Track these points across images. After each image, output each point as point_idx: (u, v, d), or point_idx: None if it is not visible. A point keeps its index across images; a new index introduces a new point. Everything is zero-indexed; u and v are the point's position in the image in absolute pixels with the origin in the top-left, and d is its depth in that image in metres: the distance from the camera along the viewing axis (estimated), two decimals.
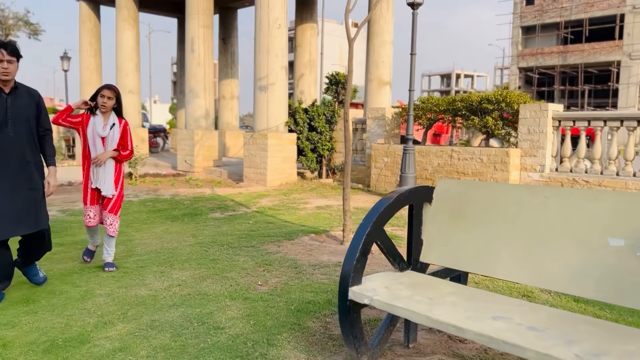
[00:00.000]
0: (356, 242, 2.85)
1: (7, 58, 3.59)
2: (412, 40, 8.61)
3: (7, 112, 3.67)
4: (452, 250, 3.06)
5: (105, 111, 4.56)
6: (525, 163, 8.34)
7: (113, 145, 4.61)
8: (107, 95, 4.49)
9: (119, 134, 4.62)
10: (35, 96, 3.90)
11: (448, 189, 3.18)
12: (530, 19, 44.72)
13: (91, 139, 4.57)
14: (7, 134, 3.67)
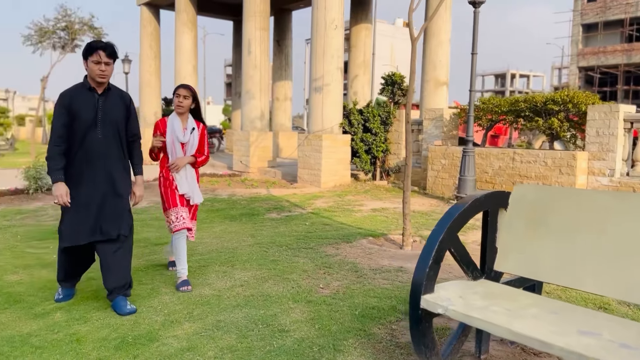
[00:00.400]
0: (429, 248, 2.75)
1: (105, 60, 3.47)
2: (474, 39, 8.37)
3: (97, 113, 3.52)
4: (530, 259, 2.91)
5: (181, 112, 4.27)
6: (593, 167, 7.94)
7: (192, 151, 4.30)
8: (182, 95, 4.23)
9: (198, 139, 4.32)
10: (127, 99, 3.74)
11: (525, 195, 3.03)
12: (592, 16, 42.87)
13: (170, 144, 4.25)
14: (96, 135, 3.52)
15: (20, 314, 3.69)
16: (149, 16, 17.71)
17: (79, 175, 3.52)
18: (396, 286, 4.25)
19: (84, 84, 3.54)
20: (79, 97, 3.49)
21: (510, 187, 8.68)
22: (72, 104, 3.45)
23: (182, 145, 4.28)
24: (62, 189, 3.45)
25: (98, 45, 3.44)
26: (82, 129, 3.46)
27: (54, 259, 5.31)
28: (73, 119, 3.44)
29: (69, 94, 3.49)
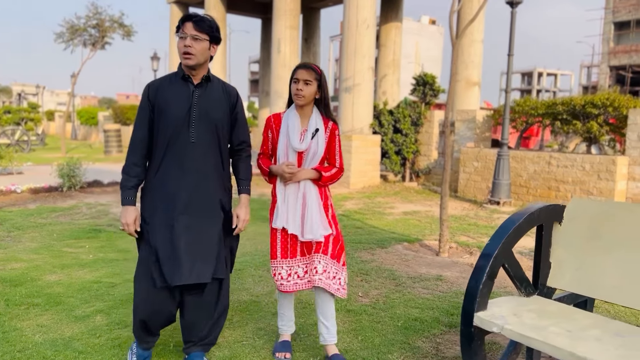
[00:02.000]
0: (483, 264, 2.66)
1: (192, 33, 2.55)
2: (510, 40, 8.19)
3: (191, 110, 2.64)
4: (586, 275, 2.80)
5: (302, 104, 2.88)
6: (634, 172, 7.70)
7: (314, 163, 2.92)
8: (303, 79, 2.83)
9: (324, 144, 2.92)
10: (233, 95, 2.81)
11: (582, 209, 2.91)
12: (625, 13, 41.81)
13: (282, 150, 2.93)
14: (187, 139, 2.64)
15: (62, 316, 3.71)
16: (179, 14, 17.80)
17: (163, 192, 2.65)
18: (437, 296, 4.16)
19: (177, 72, 2.70)
20: (169, 88, 2.67)
21: (546, 192, 8.49)
22: (159, 96, 2.65)
23: (299, 155, 2.92)
24: (130, 215, 2.63)
25: (186, 17, 2.62)
26: (169, 129, 2.62)
27: (91, 259, 5.36)
28: (159, 116, 2.63)
29: (156, 84, 2.70)
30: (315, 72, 2.88)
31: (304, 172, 2.91)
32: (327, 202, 3.00)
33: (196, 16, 2.61)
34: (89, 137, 32.05)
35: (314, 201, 2.91)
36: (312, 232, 2.87)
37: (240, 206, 2.83)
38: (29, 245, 5.88)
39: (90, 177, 10.40)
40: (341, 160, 3.03)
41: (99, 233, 6.65)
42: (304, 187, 2.92)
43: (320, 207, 2.92)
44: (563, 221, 2.96)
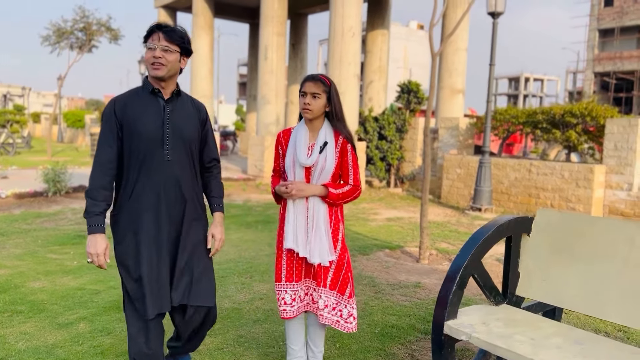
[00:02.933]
0: (453, 274, 2.77)
1: (162, 44, 2.39)
2: (492, 50, 8.36)
3: (165, 127, 2.45)
4: (553, 285, 2.92)
5: (311, 118, 2.73)
6: (611, 181, 7.90)
7: (325, 178, 2.73)
8: (310, 92, 2.69)
9: (334, 159, 2.72)
10: (202, 111, 2.66)
11: (549, 221, 3.04)
12: (609, 21, 42.46)
13: (289, 166, 2.77)
14: (162, 157, 2.46)
15: (45, 323, 3.76)
16: (166, 18, 17.85)
17: (138, 217, 2.45)
18: (414, 303, 4.27)
19: (145, 86, 2.50)
20: (138, 103, 2.46)
21: (526, 199, 8.66)
22: (128, 112, 2.43)
23: (307, 171, 2.74)
24: (100, 245, 2.41)
25: (155, 26, 2.44)
26: (142, 148, 2.42)
27: (75, 265, 5.40)
28: (130, 134, 2.42)
29: (123, 99, 2.47)
30: (324, 84, 2.70)
31: (310, 188, 2.70)
32: (337, 223, 2.77)
33: (166, 26, 2.44)
34: (76, 139, 31.85)
35: (321, 221, 2.71)
36: (318, 255, 2.69)
37: (215, 225, 2.66)
38: (13, 252, 5.90)
39: (76, 182, 10.40)
40: (356, 177, 2.76)
41: (83, 239, 6.67)
42: (312, 205, 2.72)
43: (326, 228, 2.71)
44: (531, 233, 3.08)
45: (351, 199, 2.78)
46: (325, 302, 2.72)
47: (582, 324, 3.96)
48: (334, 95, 2.73)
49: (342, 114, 2.78)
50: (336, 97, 2.74)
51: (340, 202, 2.75)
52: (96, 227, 2.41)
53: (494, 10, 8.24)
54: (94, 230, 2.41)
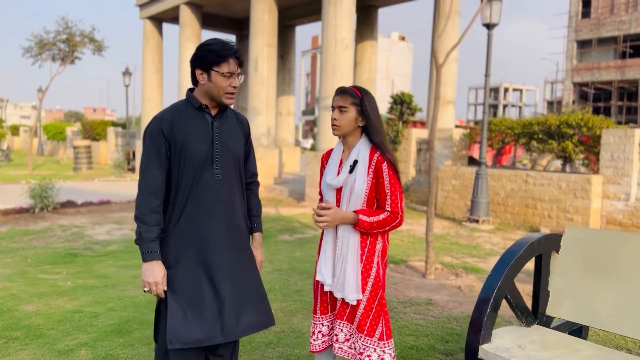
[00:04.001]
0: (486, 296, 2.66)
1: (238, 71, 2.30)
2: (487, 61, 8.36)
3: (214, 144, 2.32)
4: (585, 305, 2.82)
5: (339, 134, 2.47)
6: (608, 191, 7.91)
7: (357, 203, 2.39)
8: (337, 106, 2.45)
9: (365, 181, 2.37)
10: (246, 124, 2.53)
11: (579, 238, 2.95)
12: (586, 32, 43.36)
13: (323, 188, 2.52)
14: (212, 176, 2.31)
15: (44, 350, 3.56)
16: (152, 29, 17.65)
17: (188, 240, 2.29)
18: (429, 322, 4.15)
19: (190, 102, 2.34)
20: (185, 120, 2.31)
21: (523, 210, 8.63)
22: (176, 130, 2.28)
23: (337, 194, 2.45)
24: (158, 273, 2.24)
25: (230, 51, 2.27)
26: (194, 166, 2.28)
27: (70, 286, 5.17)
28: (180, 152, 2.28)
29: (169, 117, 2.30)
30: (353, 95, 2.40)
31: (339, 215, 2.36)
32: (371, 256, 2.41)
33: (237, 50, 2.30)
34: (56, 152, 31.25)
35: (350, 252, 2.38)
36: (342, 290, 2.38)
37: (256, 246, 2.53)
38: (2, 272, 5.65)
39: (63, 197, 10.12)
40: (394, 202, 2.37)
41: (75, 257, 6.44)
42: (342, 234, 2.41)
43: (355, 261, 2.38)
44: (560, 250, 2.99)
45: (389, 228, 2.38)
46: (346, 336, 2.45)
47: (602, 341, 3.88)
48: (368, 107, 2.40)
49: (379, 128, 2.43)
50: (371, 109, 2.41)
51: (374, 232, 2.37)
52: (152, 254, 2.23)
53: (488, 21, 8.25)
54: (149, 258, 2.23)
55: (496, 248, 7.04)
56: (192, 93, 2.36)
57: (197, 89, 2.33)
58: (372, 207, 2.42)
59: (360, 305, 2.38)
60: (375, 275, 2.40)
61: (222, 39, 2.33)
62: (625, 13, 40.71)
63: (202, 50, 2.26)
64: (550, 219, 8.29)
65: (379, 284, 2.41)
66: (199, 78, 2.28)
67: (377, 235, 2.42)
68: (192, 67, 2.30)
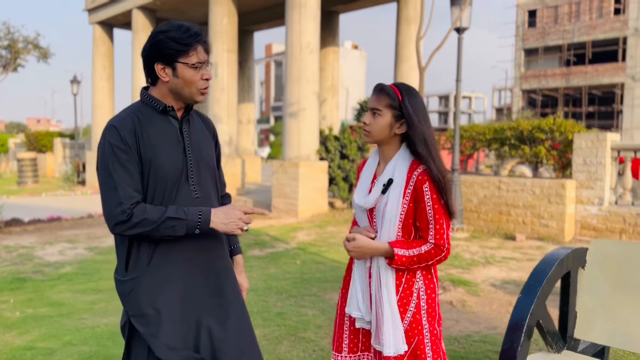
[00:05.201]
0: (519, 323, 2.33)
1: (206, 59, 1.88)
2: (458, 66, 8.20)
3: (186, 154, 1.89)
4: (619, 327, 2.55)
5: (370, 141, 2.05)
6: (582, 196, 7.86)
7: (391, 230, 1.96)
8: (371, 107, 2.01)
9: (399, 204, 1.94)
10: (212, 126, 2.10)
11: (606, 252, 2.68)
12: (533, 41, 44.92)
13: (355, 208, 2.10)
14: (189, 194, 1.88)
15: None
16: (102, 35, 16.83)
17: (167, 277, 1.85)
18: None
19: (150, 104, 1.87)
20: (150, 127, 1.84)
21: (497, 217, 8.49)
22: (141, 140, 1.81)
23: (369, 216, 2.04)
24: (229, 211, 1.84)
25: (198, 35, 1.83)
26: (163, 186, 1.83)
27: (18, 317, 4.57)
28: (146, 170, 1.82)
29: (128, 124, 1.80)
30: (389, 95, 1.95)
31: (371, 246, 1.94)
32: (407, 298, 1.97)
33: (201, 34, 1.86)
34: None
35: (385, 292, 1.94)
36: (378, 340, 1.95)
37: (240, 272, 2.13)
38: None
39: (7, 215, 9.29)
40: (439, 232, 1.92)
41: (24, 283, 5.78)
42: (376, 270, 1.98)
43: (391, 304, 1.93)
44: (586, 266, 2.72)
45: (432, 263, 1.94)
46: None
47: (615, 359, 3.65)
48: (410, 111, 1.92)
49: (428, 138, 1.95)
50: (415, 113, 1.93)
51: (410, 267, 1.93)
52: (203, 214, 1.77)
53: (459, 25, 8.10)
54: (205, 217, 1.77)
55: (476, 257, 6.82)
56: (147, 92, 1.89)
57: (156, 88, 1.86)
58: (409, 236, 1.98)
59: (403, 358, 1.93)
60: (410, 322, 1.95)
61: (180, 22, 1.86)
62: (569, 23, 42.39)
63: (158, 39, 1.79)
64: (525, 225, 8.18)
65: (415, 332, 1.95)
66: (160, 74, 1.81)
67: (415, 272, 1.97)
68: (149, 61, 1.82)
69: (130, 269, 1.85)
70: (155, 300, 1.82)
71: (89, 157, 17.22)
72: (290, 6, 10.03)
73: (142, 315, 1.83)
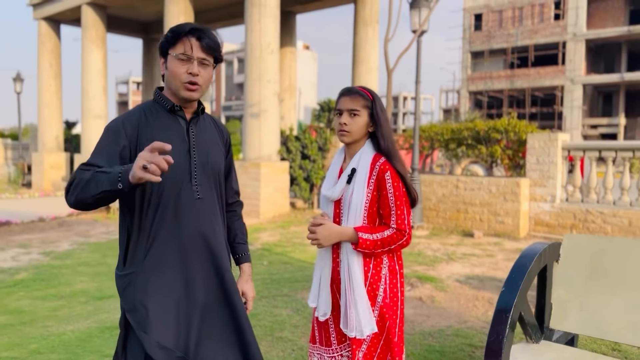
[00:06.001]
0: (503, 315, 2.44)
1: (199, 55, 1.81)
2: (417, 68, 8.39)
3: (191, 154, 1.87)
4: (594, 316, 2.70)
5: (349, 141, 2.14)
6: (535, 193, 8.21)
7: (357, 218, 2.08)
8: (346, 109, 2.12)
9: (364, 192, 2.06)
10: (226, 132, 2.09)
11: (580, 246, 2.84)
12: (479, 44, 46.29)
13: (322, 201, 2.22)
14: (191, 195, 1.86)
15: None
16: (49, 31, 16.15)
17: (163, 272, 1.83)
18: (407, 340, 3.90)
19: (160, 102, 1.89)
20: (155, 124, 1.85)
21: (455, 215, 8.74)
22: (143, 135, 1.81)
23: (335, 207, 2.15)
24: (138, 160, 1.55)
25: (185, 27, 1.82)
26: (165, 184, 1.81)
27: None
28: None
29: (134, 119, 1.83)
30: (364, 97, 2.10)
31: (332, 232, 2.04)
32: (376, 282, 2.07)
33: (200, 30, 1.83)
34: None
35: (356, 277, 2.04)
36: (353, 327, 2.03)
37: (246, 280, 2.08)
38: None
39: None
40: (400, 218, 2.04)
41: None
42: (344, 255, 2.08)
43: (359, 288, 2.03)
44: (560, 259, 2.86)
45: (395, 247, 2.05)
46: None
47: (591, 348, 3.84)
48: (379, 112, 2.11)
49: (389, 135, 2.13)
50: (382, 113, 2.12)
51: (377, 252, 2.04)
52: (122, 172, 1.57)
53: (417, 28, 8.28)
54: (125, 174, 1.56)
55: (438, 254, 7.01)
56: (161, 92, 1.91)
57: (165, 86, 1.90)
58: (374, 224, 2.10)
59: (365, 341, 2.05)
60: (381, 306, 2.07)
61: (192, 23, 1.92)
62: (513, 27, 44.00)
63: (163, 36, 1.86)
64: (482, 222, 8.46)
65: (386, 317, 2.07)
66: (161, 69, 1.87)
67: (381, 258, 2.10)
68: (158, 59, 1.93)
69: (127, 263, 1.85)
70: (149, 298, 1.80)
71: (35, 159, 16.50)
72: (250, 5, 9.97)
73: (136, 310, 1.81)
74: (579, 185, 8.05)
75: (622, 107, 41.55)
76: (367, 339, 2.06)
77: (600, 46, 41.96)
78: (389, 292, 2.10)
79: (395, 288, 2.13)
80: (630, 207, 7.45)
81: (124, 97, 68.13)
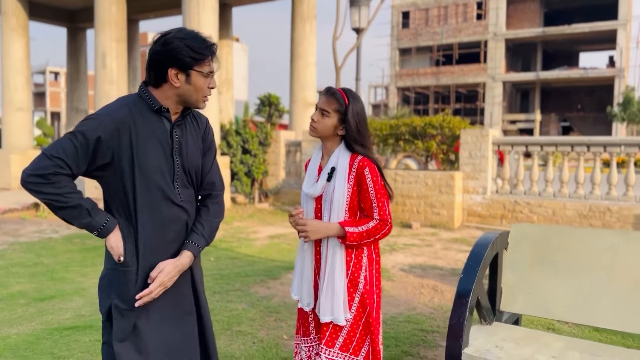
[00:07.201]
0: (463, 300, 2.64)
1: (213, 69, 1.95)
2: (357, 65, 8.60)
3: (174, 158, 1.91)
4: (539, 298, 2.97)
5: (315, 136, 2.31)
6: (468, 186, 8.68)
7: (339, 213, 2.21)
8: (320, 107, 2.25)
9: (345, 189, 2.20)
10: (203, 122, 2.07)
11: (526, 234, 3.10)
12: (407, 41, 47.62)
13: (302, 198, 2.36)
14: (173, 201, 1.91)
15: None
16: None
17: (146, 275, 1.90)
18: None
19: (147, 101, 1.89)
20: (141, 125, 1.86)
21: (394, 207, 9.06)
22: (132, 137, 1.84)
23: (316, 204, 2.28)
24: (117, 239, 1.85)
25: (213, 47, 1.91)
26: (152, 190, 1.86)
27: None
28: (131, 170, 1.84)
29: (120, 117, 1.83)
30: (338, 101, 2.20)
31: (320, 227, 2.18)
32: (358, 271, 2.23)
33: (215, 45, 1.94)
34: None
35: (336, 269, 2.19)
36: (331, 312, 2.19)
37: (173, 261, 1.90)
38: None
39: None
40: (382, 209, 2.20)
41: None
42: (326, 249, 2.22)
43: (341, 278, 2.18)
44: (508, 247, 3.11)
45: (379, 237, 2.22)
46: None
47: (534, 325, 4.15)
48: (351, 118, 2.19)
49: (361, 139, 2.24)
50: (354, 120, 2.20)
51: (364, 243, 2.20)
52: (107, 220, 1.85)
53: (357, 26, 8.49)
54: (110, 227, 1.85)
55: (381, 245, 7.26)
56: (147, 88, 1.91)
57: (160, 90, 1.89)
58: (355, 217, 2.26)
59: (344, 328, 2.22)
60: (362, 292, 2.24)
61: (194, 31, 1.93)
62: (438, 25, 45.65)
63: (176, 45, 1.83)
64: (419, 214, 8.84)
65: (367, 302, 2.24)
66: (172, 79, 1.85)
67: (362, 248, 2.26)
68: (163, 66, 1.85)
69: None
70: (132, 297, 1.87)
71: None
72: None
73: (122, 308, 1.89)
74: (507, 178, 8.59)
75: (537, 104, 44.29)
76: (346, 324, 2.21)
77: (518, 45, 44.43)
78: (369, 278, 2.27)
79: (373, 275, 2.30)
80: (553, 198, 8.06)
81: (41, 87, 64.11)
